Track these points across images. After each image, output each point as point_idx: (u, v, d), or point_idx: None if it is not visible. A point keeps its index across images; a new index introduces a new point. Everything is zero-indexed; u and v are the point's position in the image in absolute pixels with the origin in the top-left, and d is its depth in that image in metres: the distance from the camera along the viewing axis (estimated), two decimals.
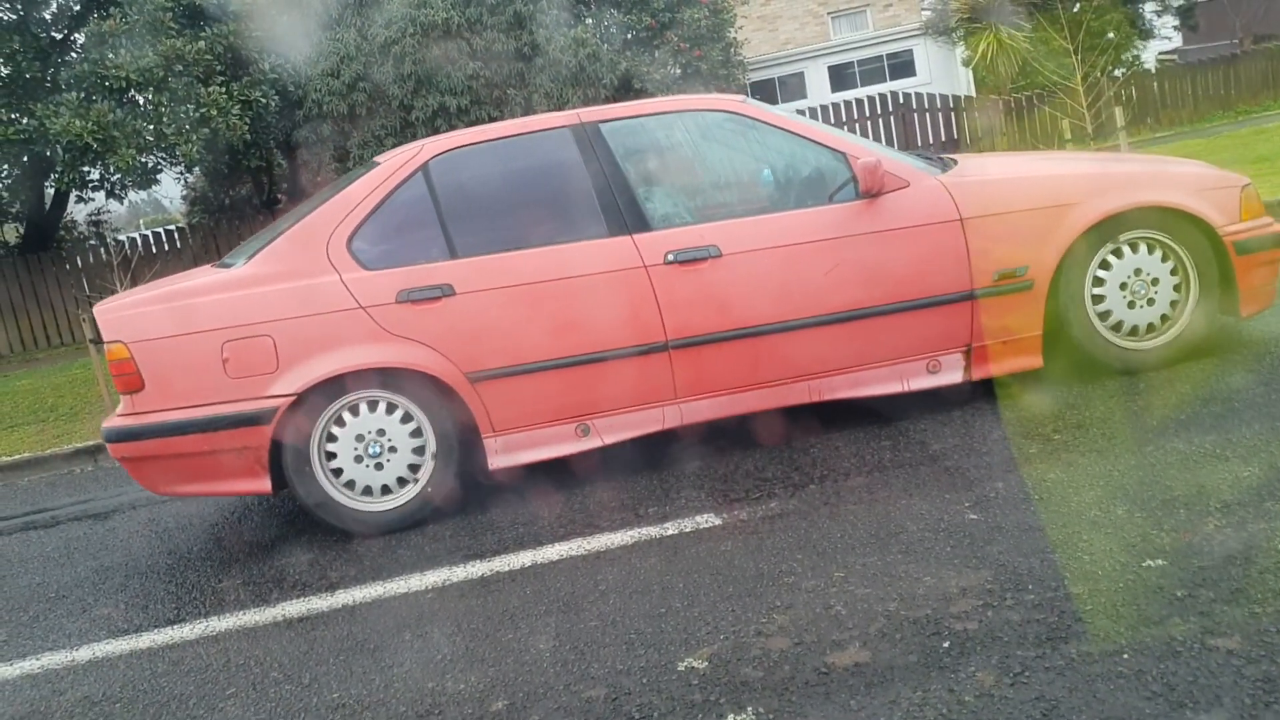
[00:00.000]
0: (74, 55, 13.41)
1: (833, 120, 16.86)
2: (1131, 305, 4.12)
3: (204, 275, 4.13)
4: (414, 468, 3.90)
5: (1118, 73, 18.84)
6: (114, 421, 3.89)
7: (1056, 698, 2.13)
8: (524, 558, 3.42)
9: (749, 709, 2.29)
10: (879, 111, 16.98)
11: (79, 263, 14.46)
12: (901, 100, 17.00)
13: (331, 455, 3.86)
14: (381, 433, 3.86)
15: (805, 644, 2.53)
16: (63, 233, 16.41)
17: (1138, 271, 4.10)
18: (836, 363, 3.99)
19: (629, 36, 15.54)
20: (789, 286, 3.92)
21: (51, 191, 15.41)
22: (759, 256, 3.91)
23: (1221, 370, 4.09)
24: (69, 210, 16.64)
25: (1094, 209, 4.02)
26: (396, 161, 4.05)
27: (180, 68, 12.29)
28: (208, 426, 3.77)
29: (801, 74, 21.62)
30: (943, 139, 16.87)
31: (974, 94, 19.22)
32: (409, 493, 3.91)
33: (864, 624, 2.57)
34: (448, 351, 3.82)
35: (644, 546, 3.34)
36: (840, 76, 21.52)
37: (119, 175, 13.36)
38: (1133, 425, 3.65)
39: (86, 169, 13.40)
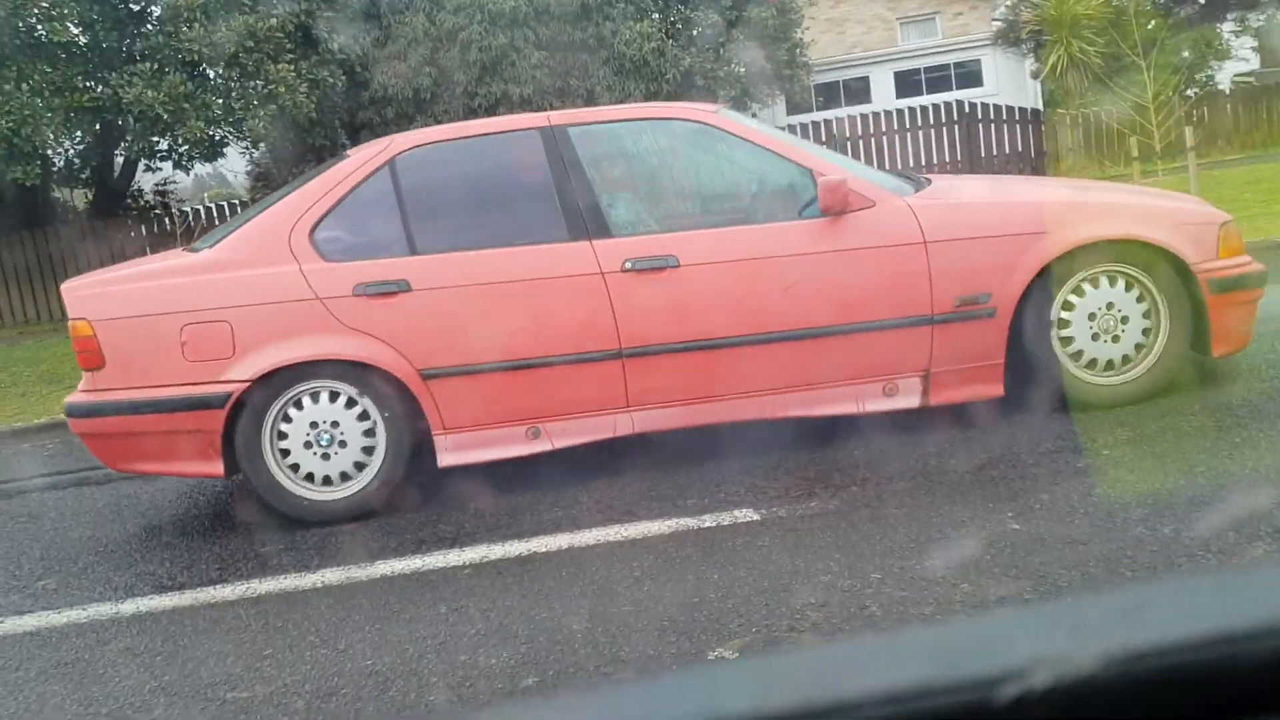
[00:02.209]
0: (150, 27, 13.66)
1: (895, 127, 16.70)
2: (1098, 339, 3.99)
3: (172, 258, 4.21)
4: (363, 461, 3.92)
5: (1190, 92, 18.48)
6: (75, 397, 3.96)
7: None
8: (561, 540, 3.44)
9: None
10: (943, 120, 16.79)
11: (144, 231, 14.76)
12: (968, 110, 16.80)
13: (284, 442, 3.88)
14: (333, 424, 3.87)
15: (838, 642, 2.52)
16: (129, 201, 16.76)
17: (1107, 305, 3.98)
18: (792, 380, 3.94)
19: (695, 33, 15.52)
20: (747, 301, 3.88)
21: (121, 160, 15.74)
22: (718, 269, 3.88)
23: (1272, 396, 4.01)
24: (137, 179, 16.99)
25: (1063, 239, 3.90)
26: (364, 155, 4.07)
27: (251, 44, 12.49)
28: (164, 408, 3.82)
29: (867, 78, 21.46)
30: (1007, 151, 16.66)
31: (1042, 108, 18.96)
32: (357, 484, 3.92)
33: (898, 626, 2.55)
34: (401, 347, 3.83)
35: (681, 536, 3.34)
36: (906, 83, 21.32)
37: (187, 147, 13.61)
38: (1185, 445, 3.59)
39: (156, 139, 13.67)
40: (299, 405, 3.87)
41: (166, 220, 15.17)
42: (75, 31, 13.11)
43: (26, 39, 12.65)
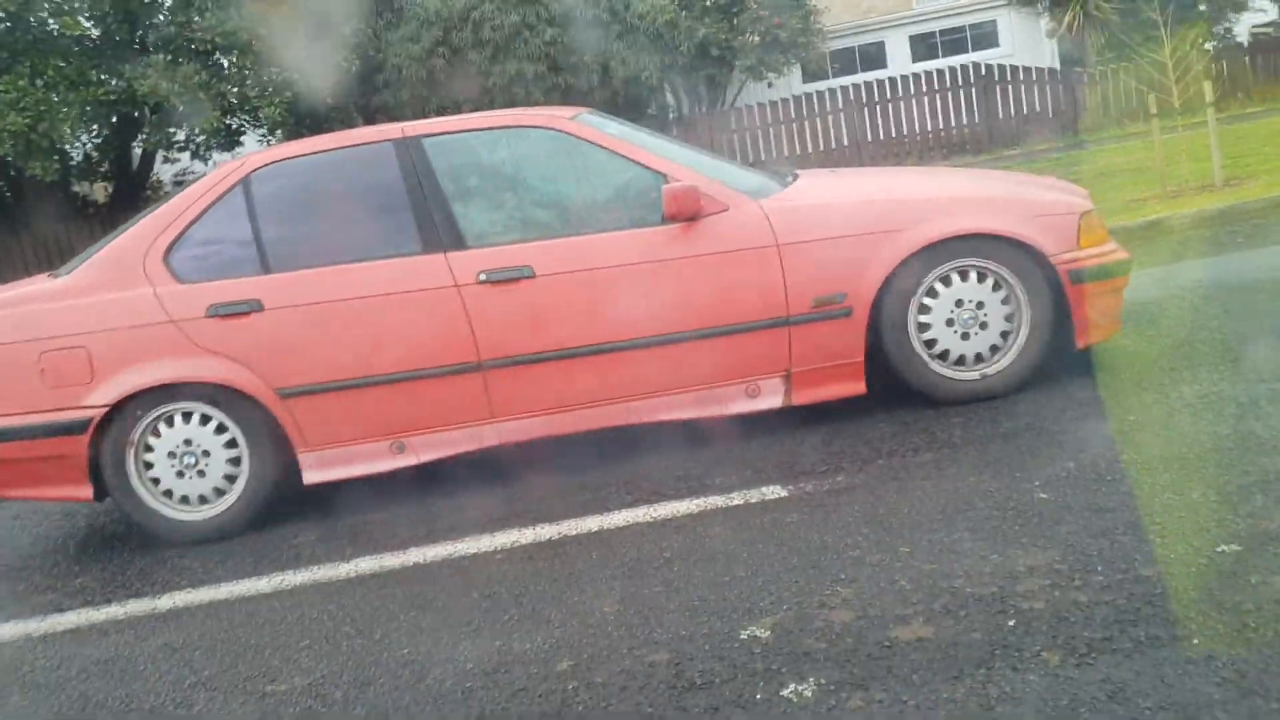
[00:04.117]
0: (161, 18, 13.69)
1: (912, 92, 16.54)
2: (958, 334, 3.95)
3: (31, 285, 4.22)
4: (230, 479, 3.93)
5: (1208, 46, 18.18)
6: None
7: (1123, 680, 2.11)
8: (590, 523, 3.46)
9: (810, 679, 2.31)
10: (959, 83, 16.62)
11: None
12: (984, 72, 16.62)
13: (149, 465, 3.91)
14: (196, 444, 3.90)
15: (868, 617, 2.53)
16: (149, 192, 16.86)
17: (966, 300, 3.93)
18: (653, 386, 3.93)
19: (708, 3, 15.41)
20: (603, 309, 3.87)
21: (139, 152, 15.82)
22: (573, 278, 3.86)
23: None
24: (155, 170, 17.08)
25: (916, 236, 3.86)
26: (218, 174, 4.06)
27: (264, 31, 12.50)
28: (26, 434, 3.85)
29: (882, 43, 21.26)
30: (1025, 111, 16.49)
31: (1058, 66, 18.72)
32: (224, 503, 3.94)
33: (928, 599, 2.56)
34: (256, 367, 3.84)
35: (709, 516, 3.36)
36: (922, 46, 21.11)
37: (204, 136, 13.67)
38: (1211, 413, 3.56)
39: (173, 130, 13.74)
40: (164, 426, 3.90)
41: None
42: (87, 24, 13.16)
43: (39, 33, 12.71)
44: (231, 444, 3.93)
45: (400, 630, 2.91)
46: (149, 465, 3.91)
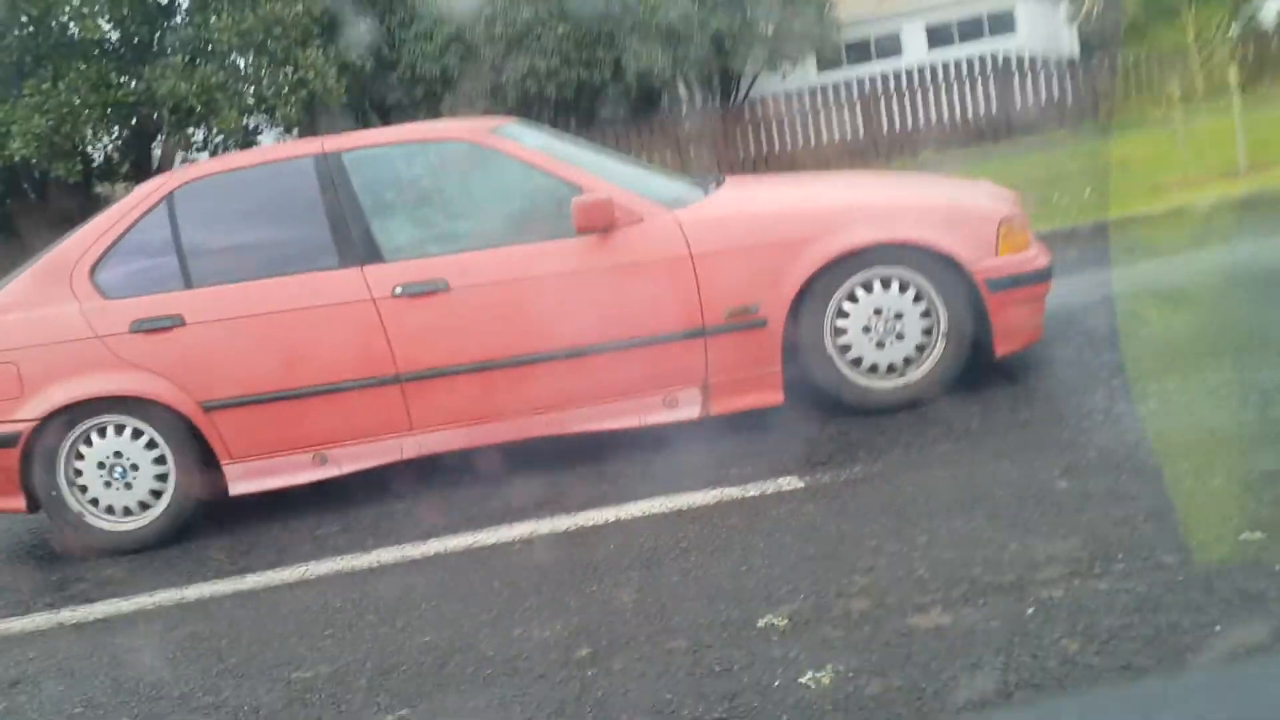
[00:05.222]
0: (179, 20, 13.79)
1: (930, 82, 16.45)
2: (875, 343, 3.92)
3: None
4: (157, 491, 3.97)
5: (1234, 30, 18.00)
6: None
7: (1144, 667, 2.11)
8: (608, 513, 3.48)
9: (828, 667, 2.32)
10: (974, 74, 16.51)
11: None
12: (1002, 61, 16.51)
13: (79, 474, 3.95)
14: (125, 456, 3.93)
15: (886, 606, 2.54)
16: None
17: (885, 309, 3.90)
18: (571, 397, 3.94)
19: None
20: (519, 321, 3.88)
21: (158, 153, 15.94)
22: (488, 290, 3.87)
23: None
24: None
25: (829, 246, 3.83)
26: (143, 190, 4.10)
27: (279, 30, 12.58)
28: None
29: (898, 32, 21.15)
30: (1043, 100, 16.38)
31: (1078, 53, 18.59)
32: (153, 513, 3.97)
33: (947, 588, 2.57)
34: (180, 380, 3.88)
35: (726, 506, 3.37)
36: (938, 35, 20.98)
37: (221, 136, 13.77)
38: (1234, 400, 3.55)
39: (191, 130, 13.84)
40: (91, 440, 3.94)
41: None
42: (107, 28, 13.27)
43: (60, 38, 12.83)
44: (160, 458, 3.96)
45: (422, 619, 2.94)
46: (79, 474, 3.96)
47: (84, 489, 3.96)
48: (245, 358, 3.92)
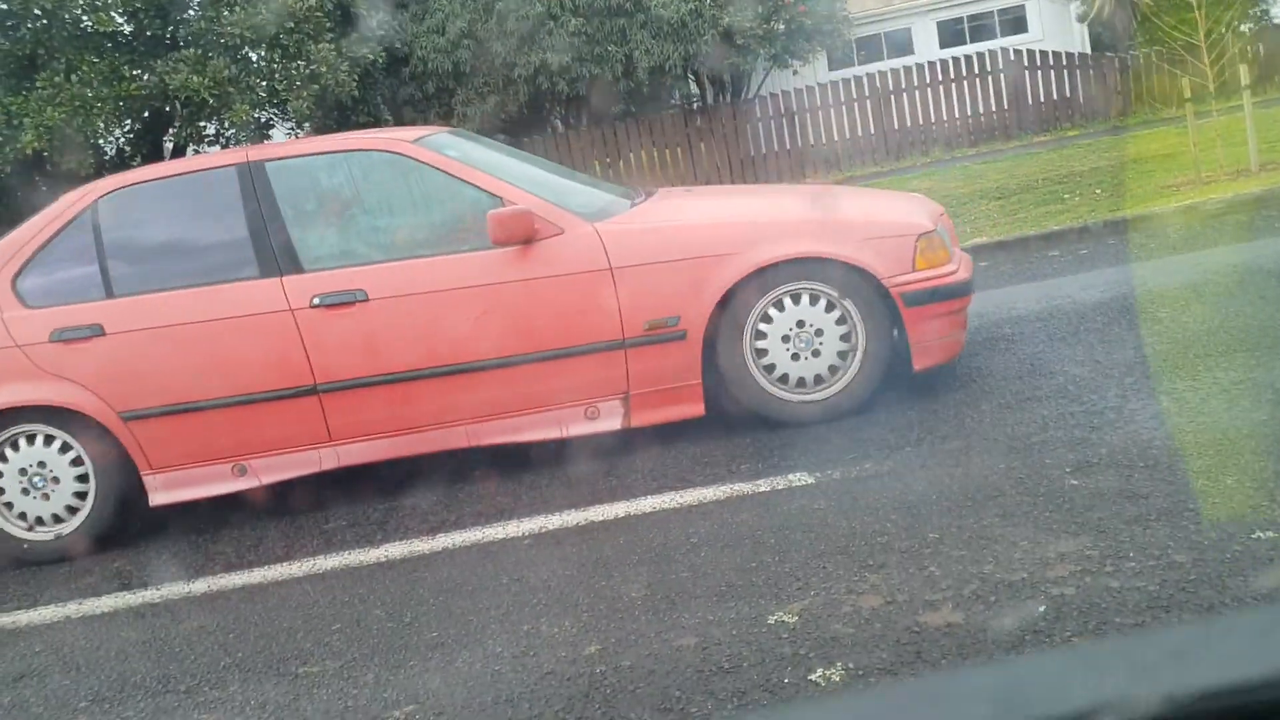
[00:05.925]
0: (192, 13, 13.80)
1: (940, 79, 16.39)
2: (796, 357, 3.91)
3: None
4: (80, 497, 3.96)
5: (1245, 28, 17.88)
6: None
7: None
8: (618, 509, 3.48)
9: (838, 664, 2.30)
10: (979, 71, 16.44)
11: None
12: (1013, 57, 16.45)
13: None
14: (44, 465, 3.93)
15: (897, 603, 2.53)
16: None
17: (806, 323, 3.89)
18: (492, 409, 3.92)
19: None
20: (437, 333, 3.88)
21: (170, 146, 15.96)
22: (406, 301, 3.86)
23: None
24: None
25: (747, 260, 3.83)
26: (68, 200, 4.10)
27: (291, 25, 12.58)
28: None
29: (909, 29, 21.07)
30: (1054, 98, 16.31)
31: (1089, 51, 18.50)
32: (75, 522, 3.97)
33: (958, 585, 2.55)
34: (99, 390, 3.88)
35: (736, 502, 3.36)
36: (949, 32, 20.90)
37: (233, 130, 13.78)
38: (1246, 399, 3.52)
39: (203, 124, 13.86)
40: (24, 443, 3.94)
41: None
42: (120, 20, 13.28)
43: (73, 30, 12.84)
44: (81, 468, 3.95)
45: (429, 614, 2.94)
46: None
47: (6, 500, 3.96)
48: (164, 368, 3.92)
